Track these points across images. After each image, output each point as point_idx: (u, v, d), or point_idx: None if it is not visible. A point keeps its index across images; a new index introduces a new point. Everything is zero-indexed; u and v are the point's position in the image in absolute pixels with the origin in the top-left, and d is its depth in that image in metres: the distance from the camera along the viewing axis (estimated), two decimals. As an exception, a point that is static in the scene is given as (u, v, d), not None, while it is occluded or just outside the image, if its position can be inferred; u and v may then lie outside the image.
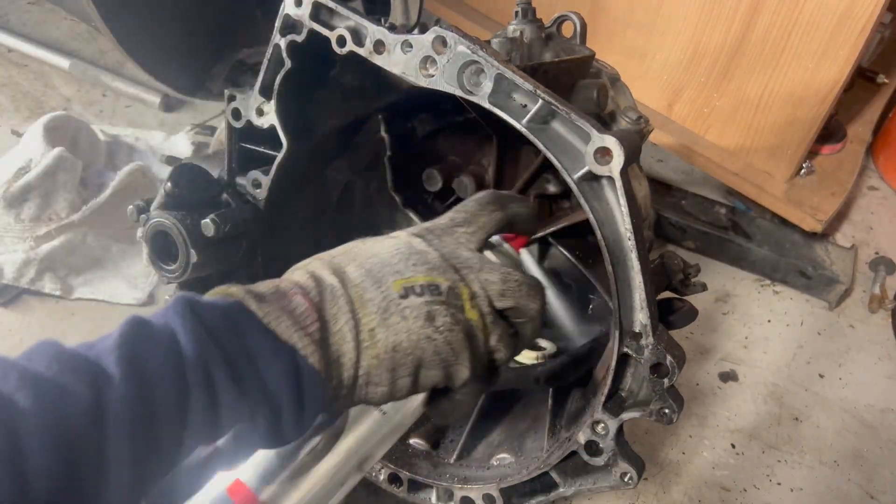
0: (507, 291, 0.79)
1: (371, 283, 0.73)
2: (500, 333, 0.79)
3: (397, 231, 0.82)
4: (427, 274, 0.75)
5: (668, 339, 0.93)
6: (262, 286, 0.70)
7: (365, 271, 0.74)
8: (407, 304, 0.73)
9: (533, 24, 1.20)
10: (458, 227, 0.82)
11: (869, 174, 2.46)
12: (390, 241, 0.79)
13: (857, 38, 1.67)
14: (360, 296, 0.72)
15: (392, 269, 0.75)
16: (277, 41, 1.04)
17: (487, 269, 0.79)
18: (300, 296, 0.69)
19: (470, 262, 0.79)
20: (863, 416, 1.62)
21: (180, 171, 1.13)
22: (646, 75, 2.04)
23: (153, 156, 2.11)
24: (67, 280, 1.69)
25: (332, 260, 0.76)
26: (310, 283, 0.71)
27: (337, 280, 0.72)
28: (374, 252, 0.77)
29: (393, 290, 0.73)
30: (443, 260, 0.77)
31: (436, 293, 0.74)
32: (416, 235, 0.79)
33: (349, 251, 0.78)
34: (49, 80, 2.41)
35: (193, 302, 0.65)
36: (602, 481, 1.05)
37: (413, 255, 0.76)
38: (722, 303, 1.89)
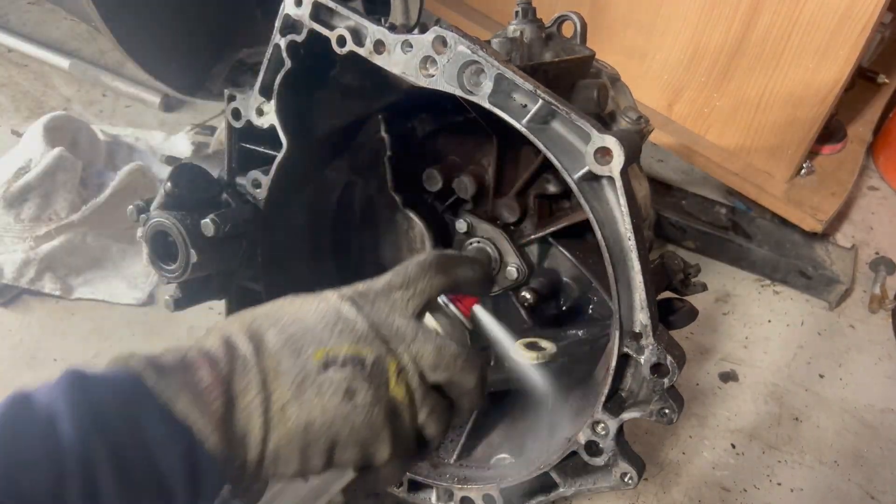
0: (440, 364, 0.74)
1: (289, 352, 0.68)
2: (430, 408, 0.75)
3: (329, 292, 0.77)
4: (352, 344, 0.70)
5: (669, 340, 0.93)
6: (169, 355, 0.65)
7: (285, 338, 0.69)
8: (325, 377, 0.68)
9: (533, 24, 1.20)
10: (394, 290, 0.77)
11: (869, 174, 2.46)
12: (319, 305, 0.74)
13: (858, 37, 1.67)
14: (274, 367, 0.67)
15: (315, 337, 0.70)
16: (277, 41, 1.04)
17: (421, 340, 0.74)
18: (206, 369, 0.64)
19: (402, 332, 0.74)
20: (863, 417, 1.62)
21: (180, 171, 1.13)
22: (646, 75, 2.04)
23: (153, 156, 2.11)
24: (67, 280, 1.69)
25: (253, 323, 0.71)
26: (220, 353, 0.66)
27: (251, 348, 0.67)
28: (299, 316, 0.72)
29: (312, 362, 0.68)
30: (372, 329, 0.72)
31: (359, 367, 0.69)
32: (346, 300, 0.75)
33: (273, 312, 0.73)
34: (49, 80, 2.41)
35: (83, 378, 0.60)
36: (602, 481, 1.05)
37: (340, 321, 0.72)
38: (722, 303, 1.88)
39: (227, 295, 1.28)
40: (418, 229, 1.36)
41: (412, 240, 1.38)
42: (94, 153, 1.93)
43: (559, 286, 1.33)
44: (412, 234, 1.38)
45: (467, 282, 0.83)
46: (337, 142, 1.30)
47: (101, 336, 1.62)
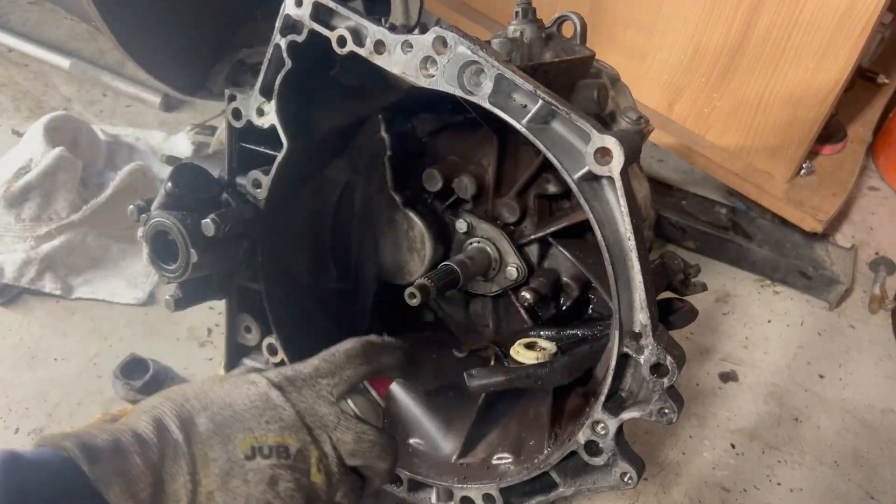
0: (358, 452, 0.81)
1: (218, 440, 0.72)
2: (346, 489, 0.81)
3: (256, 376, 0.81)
4: (278, 434, 0.75)
5: (668, 340, 0.93)
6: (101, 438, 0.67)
7: (215, 426, 0.72)
8: (251, 466, 0.72)
9: (533, 25, 1.20)
10: (321, 377, 0.82)
11: (869, 174, 2.46)
12: (248, 390, 0.78)
13: (858, 38, 1.67)
14: (203, 454, 0.70)
15: (243, 424, 0.74)
16: (278, 41, 1.04)
17: (343, 428, 0.80)
18: (138, 455, 0.66)
19: (326, 420, 0.79)
20: (863, 417, 1.62)
21: (180, 171, 1.13)
22: (646, 75, 2.04)
23: (153, 156, 2.11)
24: (67, 279, 1.69)
25: (184, 406, 0.74)
26: (152, 438, 0.68)
27: (182, 435, 0.70)
28: (229, 402, 0.76)
29: (240, 450, 0.72)
30: (297, 418, 0.77)
31: (283, 456, 0.74)
32: (275, 387, 0.79)
33: (203, 395, 0.76)
34: (49, 80, 2.41)
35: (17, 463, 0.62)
36: (602, 481, 1.05)
37: (268, 410, 0.76)
38: (722, 303, 1.89)
39: (227, 294, 1.28)
40: (418, 229, 1.36)
41: (412, 239, 1.38)
42: (95, 153, 1.93)
43: (559, 286, 1.33)
44: (412, 234, 1.38)
45: (389, 368, 0.90)
46: (337, 141, 1.30)
47: (102, 336, 1.62)
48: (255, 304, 1.28)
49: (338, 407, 0.82)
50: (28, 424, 1.42)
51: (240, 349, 1.35)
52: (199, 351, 1.62)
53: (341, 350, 0.87)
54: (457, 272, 1.25)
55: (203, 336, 1.64)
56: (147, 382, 1.48)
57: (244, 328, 1.31)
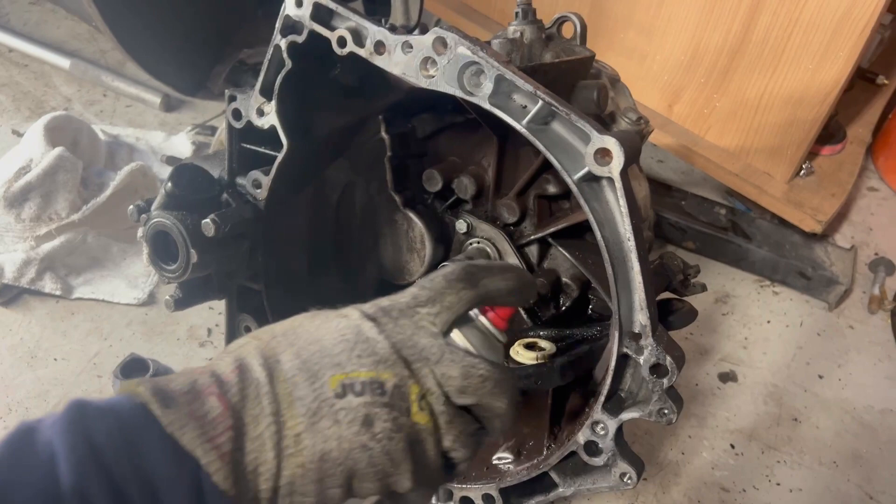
0: (467, 388, 0.70)
1: (304, 377, 0.65)
2: (456, 434, 0.70)
3: (350, 309, 0.72)
4: (372, 368, 0.66)
5: (668, 340, 0.93)
6: (178, 381, 0.62)
7: (300, 362, 0.65)
8: (342, 405, 0.64)
9: (533, 25, 1.21)
10: (420, 306, 0.72)
11: (869, 175, 2.46)
12: (338, 324, 0.69)
13: (858, 39, 1.67)
14: (288, 393, 0.63)
15: (332, 360, 0.66)
16: (278, 42, 1.04)
17: (447, 361, 0.70)
18: (216, 396, 0.60)
19: (427, 352, 0.69)
20: (862, 417, 1.62)
21: (181, 172, 1.13)
22: (646, 76, 2.04)
23: (153, 156, 2.11)
24: (68, 280, 1.70)
25: (269, 343, 0.67)
26: (232, 378, 0.63)
27: (265, 373, 0.64)
28: (317, 337, 0.68)
29: (329, 388, 0.64)
30: (393, 351, 0.68)
31: (378, 393, 0.66)
32: (368, 318, 0.70)
33: (291, 331, 0.69)
34: (50, 80, 2.41)
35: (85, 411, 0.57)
36: (601, 481, 1.05)
37: (360, 343, 0.68)
38: (721, 303, 1.89)
39: (227, 295, 1.28)
40: (418, 229, 1.36)
41: (412, 240, 1.38)
42: (95, 153, 1.93)
43: (559, 286, 1.33)
44: (412, 235, 1.38)
45: (501, 292, 0.76)
46: (337, 142, 1.30)
47: (102, 336, 1.62)
48: (255, 304, 1.28)
49: (442, 338, 0.71)
50: (28, 424, 1.42)
51: (240, 349, 1.35)
52: (199, 351, 1.62)
53: (441, 274, 0.75)
54: (457, 272, 1.25)
55: (203, 336, 1.65)
56: (147, 382, 1.48)
57: (244, 328, 1.31)
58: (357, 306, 0.73)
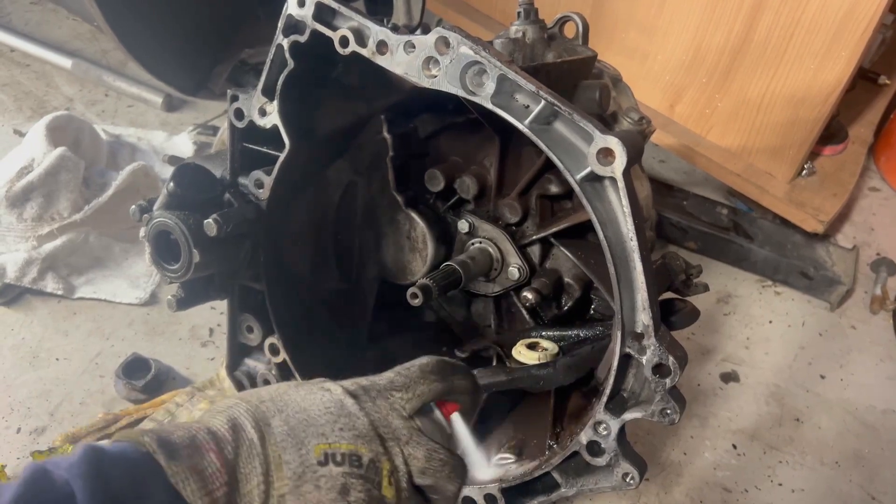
0: (428, 470, 0.79)
1: (292, 443, 0.71)
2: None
3: (331, 384, 0.80)
4: (351, 442, 0.74)
5: (670, 340, 0.93)
6: (178, 434, 0.67)
7: (289, 429, 0.72)
8: (324, 472, 0.71)
9: (535, 25, 1.21)
10: (395, 390, 0.81)
11: (870, 175, 2.46)
12: (323, 397, 0.77)
13: (860, 39, 1.67)
14: (277, 456, 0.70)
15: (317, 430, 0.73)
16: (280, 41, 1.04)
17: (414, 444, 0.79)
18: (213, 453, 0.66)
19: (398, 433, 0.78)
20: (864, 418, 1.62)
21: (182, 171, 1.13)
22: (648, 76, 2.04)
23: (155, 156, 2.11)
24: (69, 279, 1.70)
25: (259, 407, 0.73)
26: (227, 437, 0.68)
27: (257, 436, 0.70)
28: (304, 407, 0.75)
29: (313, 455, 0.71)
30: (371, 428, 0.76)
31: (356, 465, 0.73)
32: (350, 395, 0.78)
33: (279, 398, 0.76)
34: (51, 80, 2.42)
35: (100, 456, 0.62)
36: (604, 482, 1.05)
37: (342, 417, 0.75)
38: (723, 303, 1.89)
39: (229, 294, 1.28)
40: (420, 229, 1.36)
41: (414, 240, 1.38)
42: (97, 153, 1.94)
43: (561, 286, 1.33)
44: (414, 235, 1.38)
45: (461, 390, 0.87)
46: (339, 142, 1.30)
47: (103, 335, 1.62)
48: (257, 303, 1.28)
49: (410, 422, 0.80)
50: (30, 424, 1.42)
51: (242, 349, 1.35)
52: (201, 351, 1.62)
53: (416, 365, 0.85)
54: (459, 272, 1.25)
55: (205, 336, 1.65)
56: (149, 382, 1.48)
57: (246, 328, 1.31)
58: (339, 382, 0.81)
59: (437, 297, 1.20)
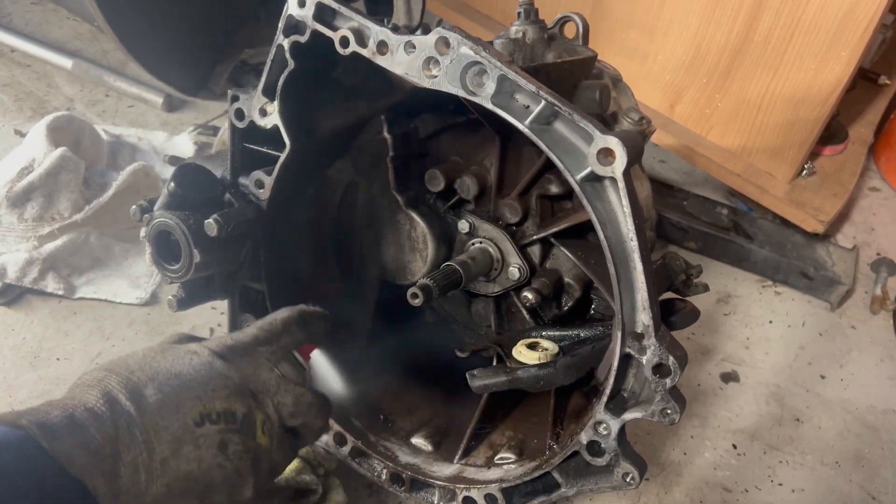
0: (297, 413, 0.88)
1: (169, 409, 0.75)
2: (284, 449, 0.88)
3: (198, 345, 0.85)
4: (225, 400, 0.79)
5: (670, 340, 0.93)
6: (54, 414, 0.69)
7: (163, 396, 0.76)
8: (201, 432, 0.76)
9: (535, 25, 1.21)
10: (260, 346, 0.88)
11: (870, 175, 2.46)
12: (192, 360, 0.82)
13: (860, 39, 1.67)
14: (155, 423, 0.73)
15: (192, 393, 0.78)
16: (281, 42, 1.04)
17: (283, 392, 0.86)
18: (94, 428, 0.69)
19: (268, 385, 0.86)
20: (864, 418, 1.62)
21: (183, 172, 1.13)
22: (648, 76, 2.04)
23: (156, 156, 2.11)
24: (70, 279, 1.70)
25: (130, 378, 0.76)
26: (104, 411, 0.71)
27: (133, 406, 0.73)
28: (175, 372, 0.79)
29: (190, 418, 0.76)
30: (242, 385, 0.82)
31: (231, 421, 0.79)
32: (218, 356, 0.83)
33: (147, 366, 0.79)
34: (52, 80, 2.42)
35: None
36: (604, 482, 1.06)
37: (214, 378, 0.80)
38: (723, 303, 1.89)
39: (229, 294, 1.28)
40: (420, 229, 1.36)
41: (414, 240, 1.38)
42: (97, 153, 1.94)
43: (561, 286, 1.33)
44: (414, 235, 1.38)
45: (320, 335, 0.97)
46: (340, 142, 1.30)
47: (104, 336, 1.63)
48: (257, 304, 1.28)
49: (277, 372, 0.88)
50: (31, 424, 1.42)
51: (242, 349, 1.35)
52: (201, 351, 1.62)
53: (278, 318, 0.93)
54: (459, 272, 1.25)
55: (206, 336, 1.65)
56: (149, 382, 1.48)
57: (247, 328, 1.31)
58: (204, 343, 0.86)
59: (437, 297, 1.20)
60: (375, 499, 1.34)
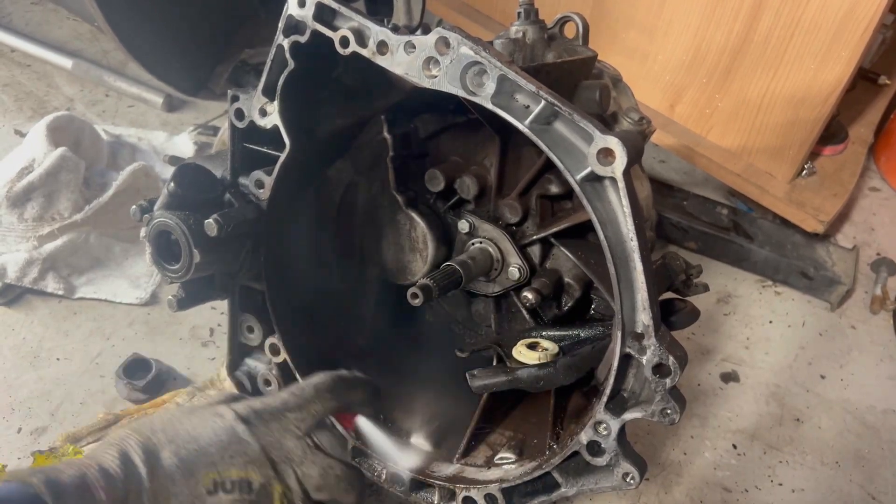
0: (324, 486, 0.83)
1: (181, 475, 0.74)
2: None
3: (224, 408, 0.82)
4: (242, 469, 0.77)
5: (670, 340, 0.93)
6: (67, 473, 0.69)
7: (178, 460, 0.74)
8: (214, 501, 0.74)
9: (535, 25, 1.21)
10: (289, 411, 0.84)
11: (870, 175, 2.46)
12: (214, 424, 0.80)
13: (860, 39, 1.67)
14: (165, 489, 0.72)
15: (207, 459, 0.76)
16: (281, 42, 1.04)
17: (309, 462, 0.82)
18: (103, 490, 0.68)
19: (292, 454, 0.81)
20: (864, 417, 1.62)
21: (183, 172, 1.13)
22: (648, 76, 2.04)
23: (156, 156, 2.11)
24: (70, 279, 1.70)
25: (150, 439, 0.75)
26: (117, 472, 0.70)
27: (146, 469, 0.72)
28: (195, 435, 0.78)
29: (202, 485, 0.74)
30: (262, 453, 0.79)
31: (246, 491, 0.77)
32: (242, 420, 0.81)
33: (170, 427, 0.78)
34: (52, 80, 2.42)
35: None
36: (604, 481, 1.05)
37: (233, 444, 0.78)
38: (723, 303, 1.89)
39: (229, 294, 1.28)
40: (420, 229, 1.36)
41: (414, 240, 1.38)
42: (97, 153, 1.94)
43: (561, 286, 1.33)
44: (414, 235, 1.38)
45: (358, 402, 0.92)
46: (340, 142, 1.30)
47: (104, 336, 1.63)
48: (257, 304, 1.28)
49: (304, 441, 0.84)
50: (31, 424, 1.42)
51: (242, 349, 1.35)
52: (201, 351, 1.62)
53: (311, 384, 0.89)
54: (459, 272, 1.25)
55: (206, 336, 1.65)
56: (149, 382, 1.48)
57: (247, 328, 1.31)
58: (231, 405, 0.83)
59: (437, 297, 1.20)
60: (375, 499, 1.34)
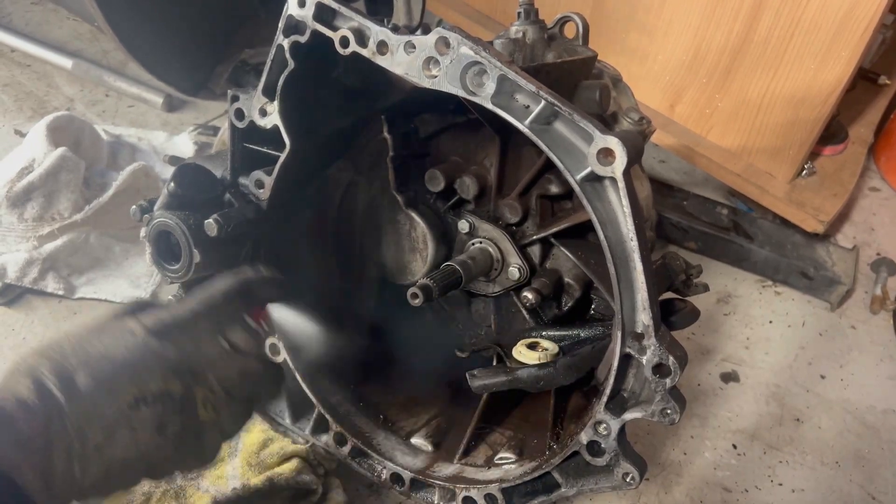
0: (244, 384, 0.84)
1: (101, 395, 0.72)
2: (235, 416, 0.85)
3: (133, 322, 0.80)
4: (161, 381, 0.76)
5: (670, 340, 0.93)
6: None
7: (95, 382, 0.73)
8: (138, 416, 0.74)
9: (535, 25, 1.21)
10: (200, 320, 0.83)
11: (870, 175, 2.46)
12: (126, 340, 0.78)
13: (860, 39, 1.67)
14: (87, 412, 0.71)
15: (125, 377, 0.75)
16: (281, 42, 1.04)
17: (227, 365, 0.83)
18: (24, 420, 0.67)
19: (210, 359, 0.81)
20: (864, 418, 1.62)
21: (183, 172, 1.13)
22: (648, 76, 2.04)
23: (156, 156, 2.11)
24: (70, 279, 1.70)
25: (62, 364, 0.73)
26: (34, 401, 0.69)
27: (63, 396, 0.70)
28: (108, 355, 0.76)
29: (123, 402, 0.73)
30: (179, 363, 0.78)
31: (168, 402, 0.76)
32: (154, 335, 0.79)
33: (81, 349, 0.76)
34: (52, 80, 2.42)
35: None
36: (604, 482, 1.06)
37: (148, 359, 0.77)
38: (723, 303, 1.89)
39: (229, 295, 1.28)
40: (420, 229, 1.36)
41: (414, 240, 1.38)
42: (97, 153, 1.94)
43: (561, 286, 1.33)
44: (414, 235, 1.38)
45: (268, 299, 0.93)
46: (340, 142, 1.30)
47: (104, 335, 1.62)
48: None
49: (219, 345, 0.83)
50: (31, 424, 1.42)
51: (242, 349, 1.35)
52: (201, 351, 1.62)
53: (219, 290, 0.87)
54: (459, 272, 1.25)
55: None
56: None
57: (246, 328, 1.31)
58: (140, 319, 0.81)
59: (437, 297, 1.20)
60: (375, 499, 1.34)
